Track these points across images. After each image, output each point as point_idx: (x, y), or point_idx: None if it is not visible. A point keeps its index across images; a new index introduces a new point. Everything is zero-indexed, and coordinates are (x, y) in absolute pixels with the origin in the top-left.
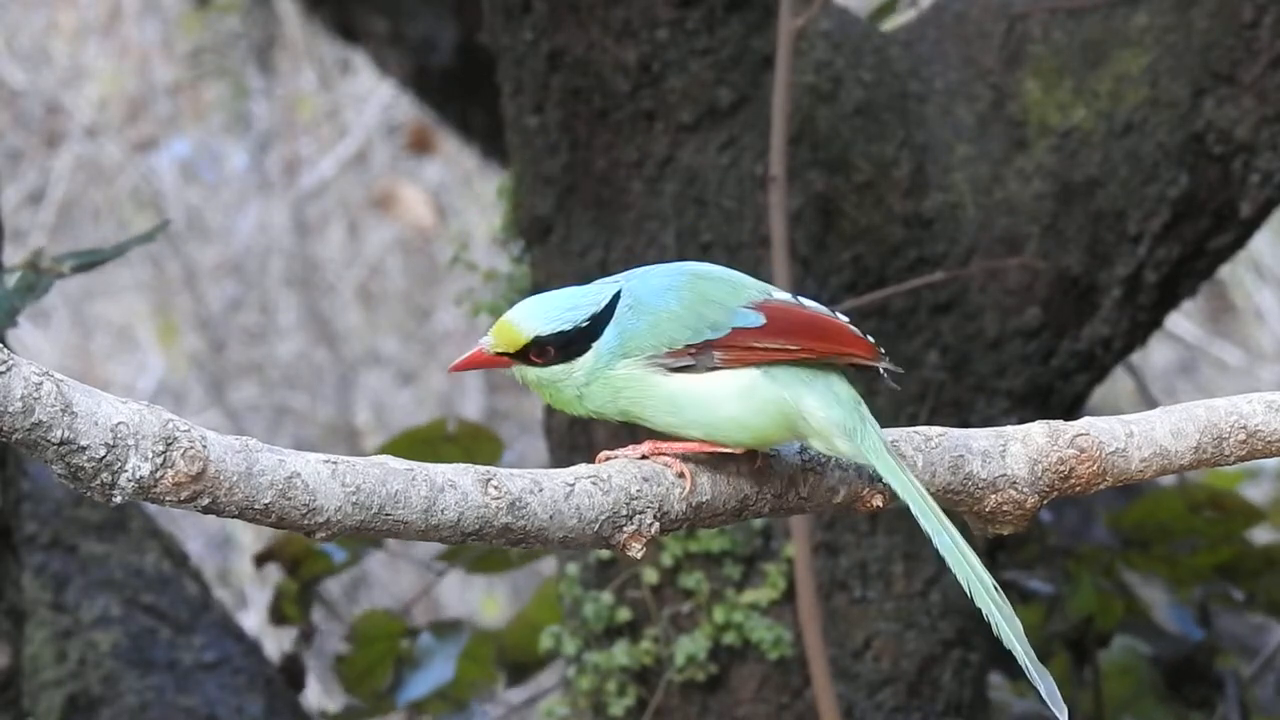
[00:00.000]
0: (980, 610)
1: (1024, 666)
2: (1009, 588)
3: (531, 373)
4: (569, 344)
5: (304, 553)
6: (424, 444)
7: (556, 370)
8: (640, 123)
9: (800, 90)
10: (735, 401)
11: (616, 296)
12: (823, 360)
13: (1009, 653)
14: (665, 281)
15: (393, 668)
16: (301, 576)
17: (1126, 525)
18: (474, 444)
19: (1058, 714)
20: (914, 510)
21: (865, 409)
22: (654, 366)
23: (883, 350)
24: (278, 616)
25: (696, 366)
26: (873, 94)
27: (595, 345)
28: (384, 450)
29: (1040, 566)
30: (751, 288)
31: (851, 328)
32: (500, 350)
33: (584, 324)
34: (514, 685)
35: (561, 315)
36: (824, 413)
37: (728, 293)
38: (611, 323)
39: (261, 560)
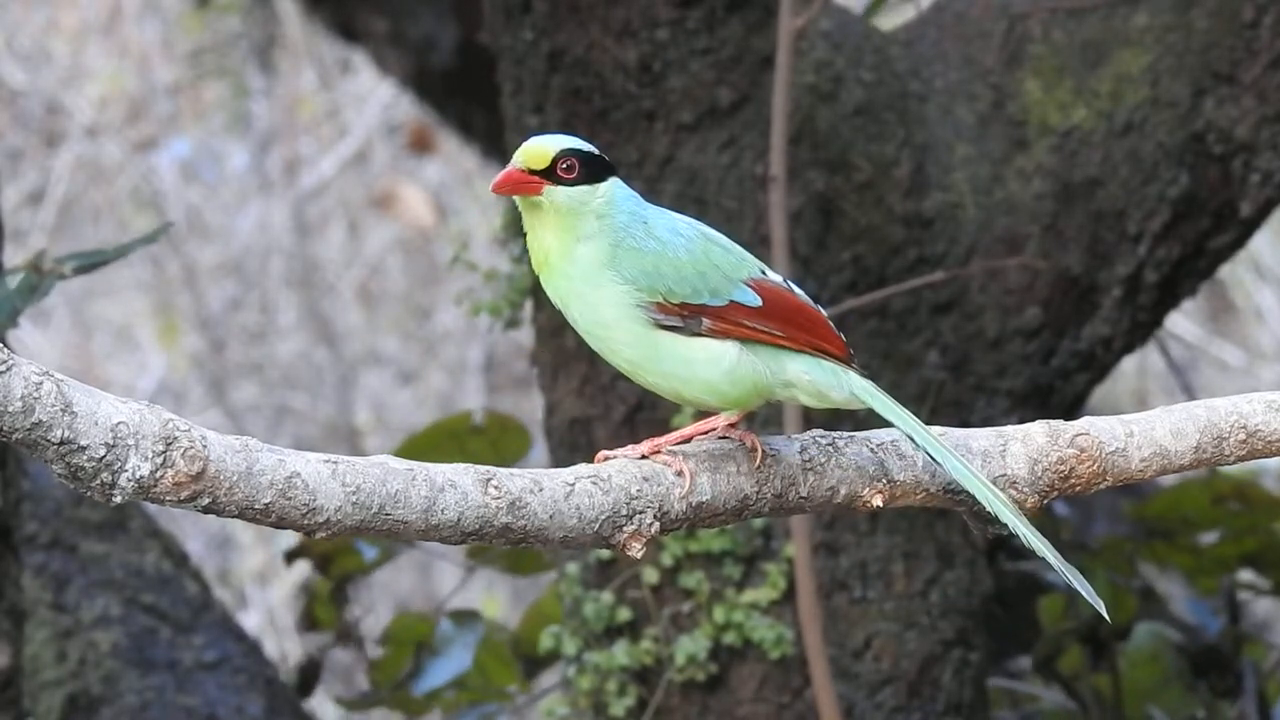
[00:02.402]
0: (1006, 526)
1: (1059, 570)
2: (1027, 581)
3: (561, 193)
4: (590, 163)
5: (334, 550)
6: (450, 436)
7: (582, 191)
8: (640, 123)
9: (800, 90)
10: (713, 368)
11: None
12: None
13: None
14: (678, 224)
15: (413, 656)
16: (333, 574)
17: (1150, 517)
18: (502, 436)
19: (1097, 607)
20: (919, 441)
21: (844, 368)
22: (643, 315)
23: (850, 352)
24: (309, 622)
25: (683, 330)
26: (873, 94)
27: (609, 183)
28: (412, 442)
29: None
30: (750, 263)
31: (829, 322)
32: (530, 167)
33: (598, 153)
34: (528, 679)
35: (579, 141)
36: (810, 374)
37: (731, 264)
38: (622, 190)
39: (291, 558)
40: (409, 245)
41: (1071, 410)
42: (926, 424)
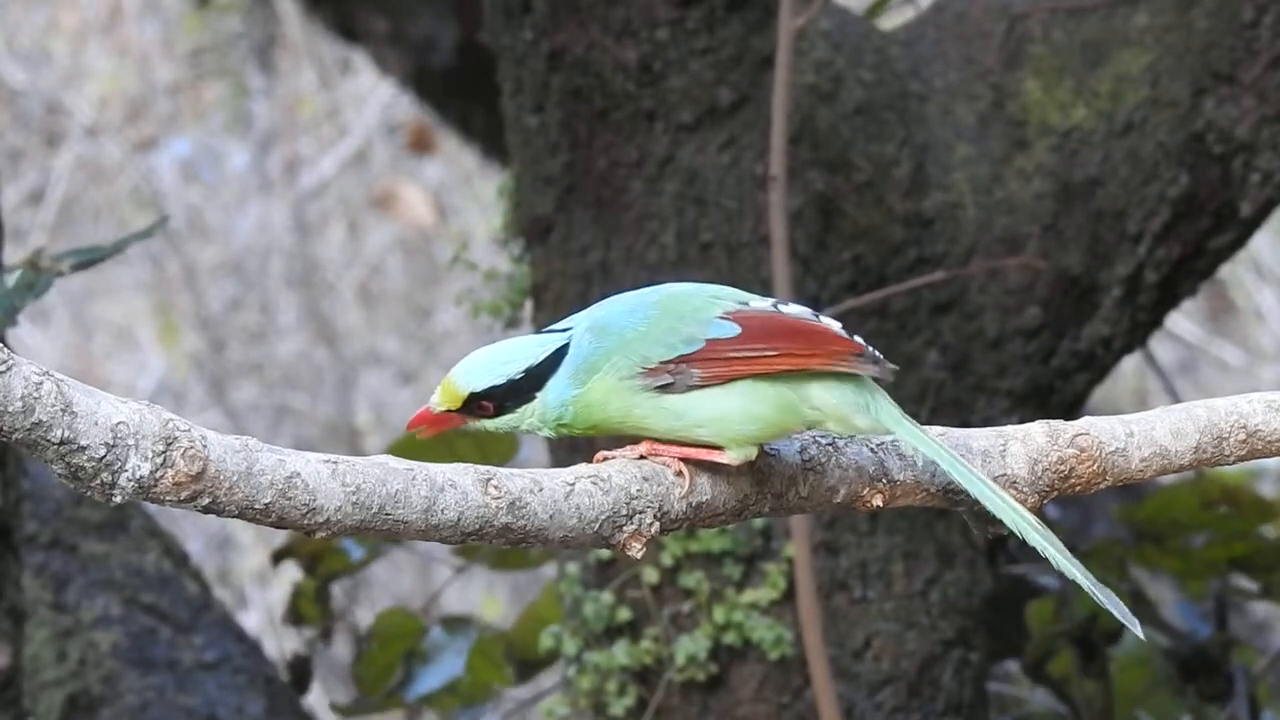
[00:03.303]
0: (1034, 550)
1: (1090, 592)
2: (1019, 584)
3: (488, 424)
4: (507, 396)
5: (321, 550)
6: (437, 439)
7: (506, 420)
8: (640, 123)
9: (800, 90)
10: (737, 396)
11: (564, 347)
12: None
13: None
14: (631, 304)
15: (403, 663)
16: (320, 574)
17: (1140, 520)
18: (489, 438)
19: (1131, 628)
20: (945, 466)
21: (872, 390)
22: (638, 385)
23: (876, 353)
24: (295, 617)
25: (675, 386)
26: (873, 94)
27: (541, 394)
28: (399, 444)
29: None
30: (728, 299)
31: (837, 330)
32: (446, 408)
33: (518, 377)
34: (522, 682)
35: (496, 370)
36: (833, 396)
37: (700, 306)
38: (566, 359)
39: (278, 558)
40: (409, 245)
41: (1071, 410)
42: (926, 424)
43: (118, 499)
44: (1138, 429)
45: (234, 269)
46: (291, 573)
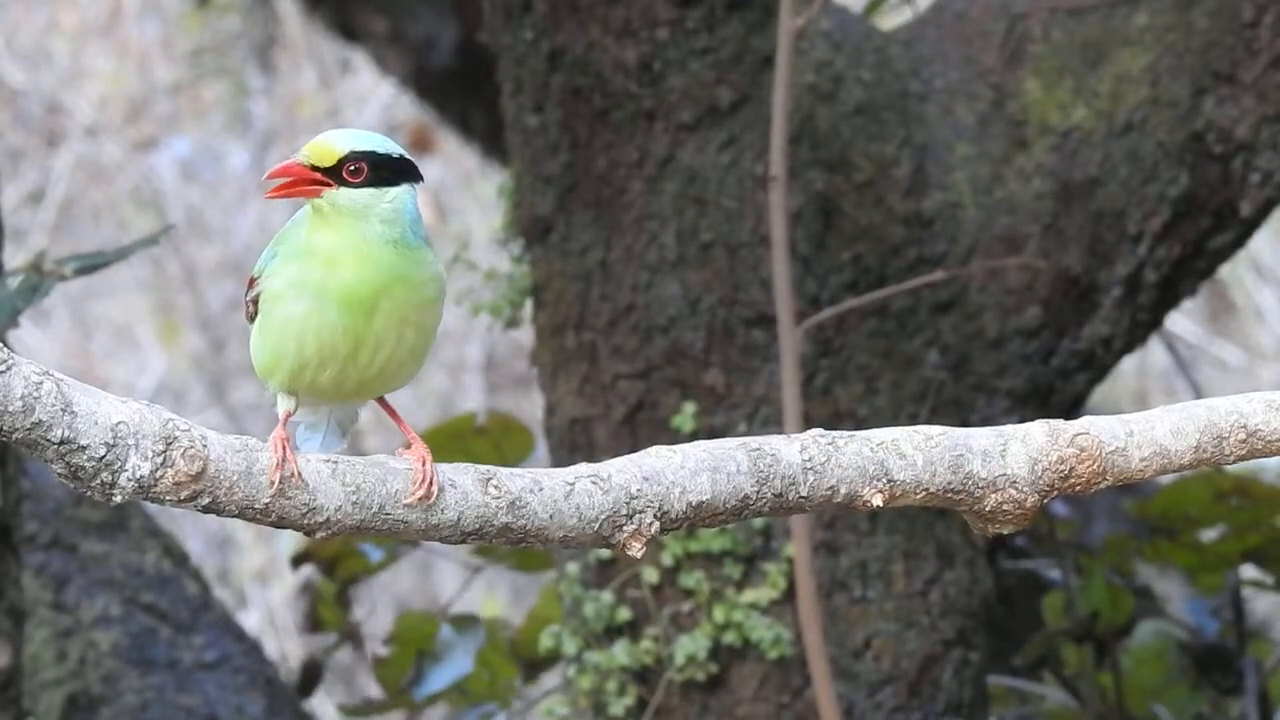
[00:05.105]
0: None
1: None
2: (1030, 579)
3: (344, 195)
4: (381, 165)
5: (341, 552)
6: (453, 437)
7: (367, 195)
8: (640, 122)
9: (800, 90)
10: None
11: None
12: None
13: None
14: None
15: (414, 662)
16: (339, 577)
17: (1152, 514)
18: (505, 437)
19: None
20: None
21: None
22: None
23: None
24: (313, 624)
25: None
26: (873, 94)
27: (406, 188)
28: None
29: (1052, 559)
30: None
31: None
32: (314, 164)
33: (395, 153)
34: (528, 682)
35: (374, 139)
36: None
37: None
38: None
39: (298, 561)
40: None
41: (1071, 410)
42: (926, 424)
43: (118, 499)
44: (1138, 428)
45: (234, 269)
46: (295, 574)
